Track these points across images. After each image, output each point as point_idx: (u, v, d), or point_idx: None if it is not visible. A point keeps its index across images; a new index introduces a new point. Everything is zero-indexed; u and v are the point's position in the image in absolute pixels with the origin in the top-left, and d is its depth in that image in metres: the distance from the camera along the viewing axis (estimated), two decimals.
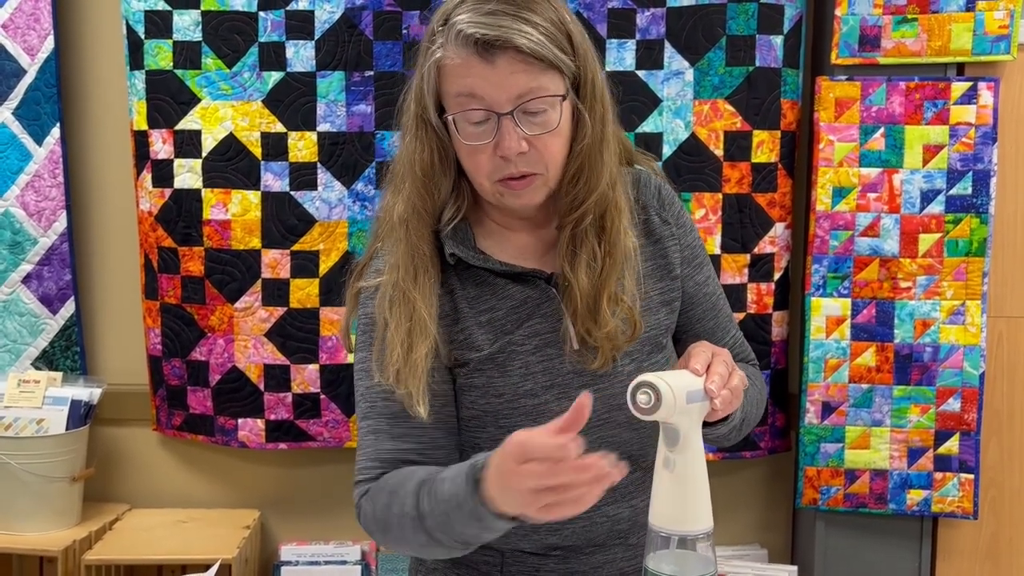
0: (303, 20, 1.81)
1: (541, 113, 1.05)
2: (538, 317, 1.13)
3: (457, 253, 1.12)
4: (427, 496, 1.00)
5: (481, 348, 1.12)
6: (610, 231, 1.12)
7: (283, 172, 1.84)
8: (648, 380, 0.91)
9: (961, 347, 1.76)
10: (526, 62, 1.03)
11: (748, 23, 1.77)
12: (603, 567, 1.18)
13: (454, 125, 1.07)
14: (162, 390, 1.94)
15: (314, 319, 1.86)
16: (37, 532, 1.80)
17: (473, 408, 1.13)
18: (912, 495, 1.79)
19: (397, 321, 1.09)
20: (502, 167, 1.06)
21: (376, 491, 1.10)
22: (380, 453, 1.12)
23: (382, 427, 1.12)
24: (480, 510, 0.94)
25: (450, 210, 1.13)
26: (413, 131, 1.12)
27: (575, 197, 1.10)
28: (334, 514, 2.01)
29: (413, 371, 1.07)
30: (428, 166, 1.11)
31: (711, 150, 1.80)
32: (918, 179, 1.74)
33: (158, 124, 1.84)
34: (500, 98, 1.03)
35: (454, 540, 1.00)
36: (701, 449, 0.93)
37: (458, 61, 1.04)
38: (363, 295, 1.17)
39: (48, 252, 1.93)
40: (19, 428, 1.82)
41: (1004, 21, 1.71)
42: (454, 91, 1.06)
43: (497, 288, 1.14)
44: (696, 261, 1.23)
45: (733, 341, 1.27)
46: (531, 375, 1.12)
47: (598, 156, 1.10)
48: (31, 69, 1.88)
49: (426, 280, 1.10)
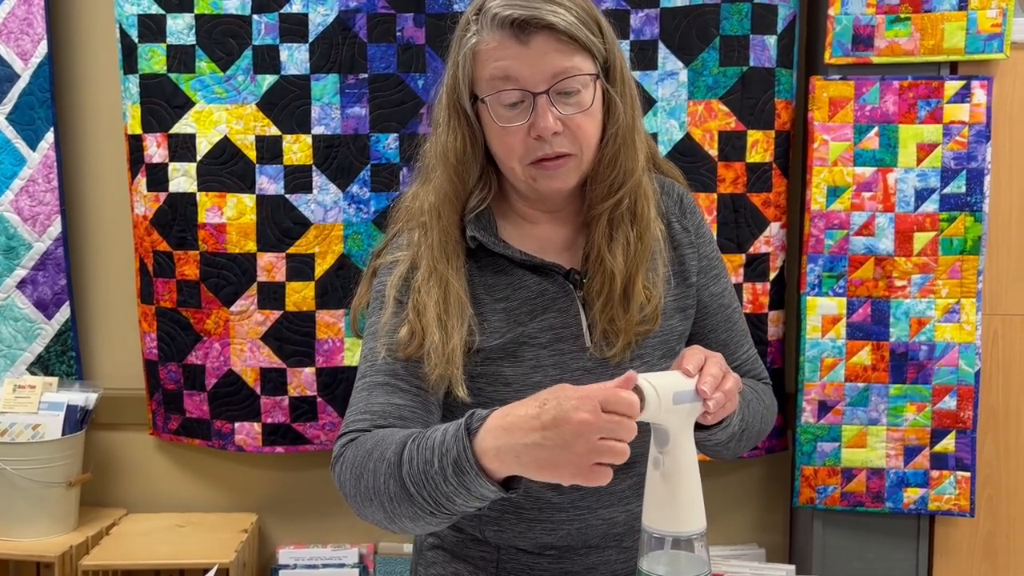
0: (297, 23, 1.81)
1: (575, 93, 1.07)
2: (554, 311, 1.14)
3: (478, 237, 1.13)
4: (414, 444, 0.97)
5: (495, 336, 1.12)
6: (641, 217, 1.14)
7: (278, 175, 1.84)
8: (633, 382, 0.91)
9: (956, 345, 1.76)
10: (560, 42, 1.05)
11: (742, 23, 1.77)
12: (597, 568, 1.18)
13: (488, 108, 1.08)
14: (158, 394, 1.94)
15: (310, 322, 1.86)
16: (34, 538, 1.79)
17: (480, 395, 1.12)
18: (909, 493, 1.79)
19: (436, 303, 1.09)
20: (536, 148, 1.08)
21: (363, 440, 1.05)
22: (371, 406, 1.09)
23: (378, 382, 1.11)
24: (465, 463, 0.91)
25: (476, 198, 1.15)
26: (445, 121, 1.13)
27: (612, 181, 1.12)
28: (332, 517, 2.01)
29: (450, 358, 1.07)
30: (460, 153, 1.12)
31: (706, 150, 1.80)
32: (912, 178, 1.75)
33: (152, 128, 1.84)
34: (535, 78, 1.05)
35: (425, 494, 0.94)
36: (692, 450, 0.93)
37: (493, 44, 1.06)
38: (381, 268, 1.18)
39: (43, 257, 1.93)
40: (15, 433, 1.82)
41: (997, 20, 1.71)
42: (488, 74, 1.07)
43: (515, 278, 1.15)
44: (713, 272, 1.24)
45: (747, 357, 1.28)
46: (541, 368, 1.12)
47: (631, 141, 1.13)
48: (24, 74, 1.88)
49: (459, 265, 1.12)
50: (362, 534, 1.99)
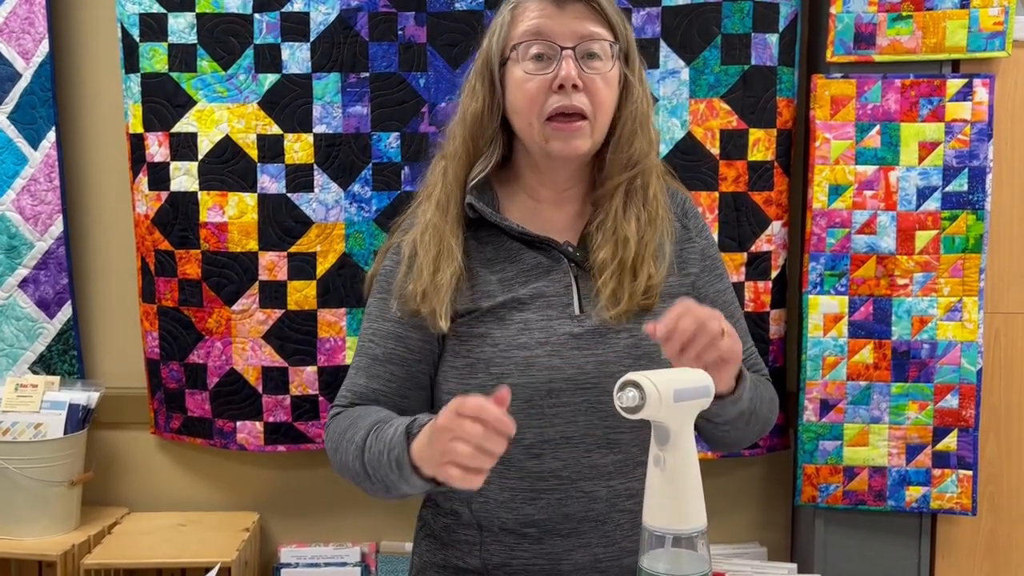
0: (298, 22, 1.81)
1: (597, 59, 1.18)
2: (546, 280, 1.22)
3: (476, 206, 1.22)
4: (374, 434, 1.14)
5: (487, 299, 1.22)
6: (653, 199, 1.24)
7: (279, 174, 1.84)
8: (633, 379, 0.91)
9: (958, 343, 1.76)
10: (592, 11, 1.19)
11: (743, 22, 1.77)
12: (577, 551, 1.21)
13: (516, 60, 1.19)
14: (160, 393, 1.94)
15: (312, 321, 1.86)
16: (36, 537, 1.80)
17: (469, 356, 1.21)
18: (911, 492, 1.79)
19: (426, 249, 1.21)
20: (555, 101, 1.17)
21: (344, 416, 1.23)
22: (355, 386, 1.26)
23: (362, 365, 1.26)
24: (403, 459, 1.07)
25: (480, 164, 1.24)
26: (470, 88, 1.25)
27: (629, 157, 1.22)
28: (333, 516, 2.01)
29: (437, 291, 1.19)
30: (477, 115, 1.23)
31: (707, 149, 1.80)
32: (914, 176, 1.74)
33: (154, 127, 1.84)
34: (564, 34, 1.17)
35: (379, 479, 1.13)
36: (693, 447, 0.93)
37: (531, 6, 1.20)
38: (389, 251, 1.29)
39: (45, 256, 1.93)
40: (17, 432, 1.82)
41: (999, 18, 1.71)
42: (522, 30, 1.20)
43: (511, 252, 1.24)
44: (716, 271, 1.32)
45: (748, 353, 1.32)
46: (528, 330, 1.19)
47: (647, 127, 1.24)
48: (26, 73, 1.88)
49: (456, 219, 1.23)
50: (364, 533, 1.99)
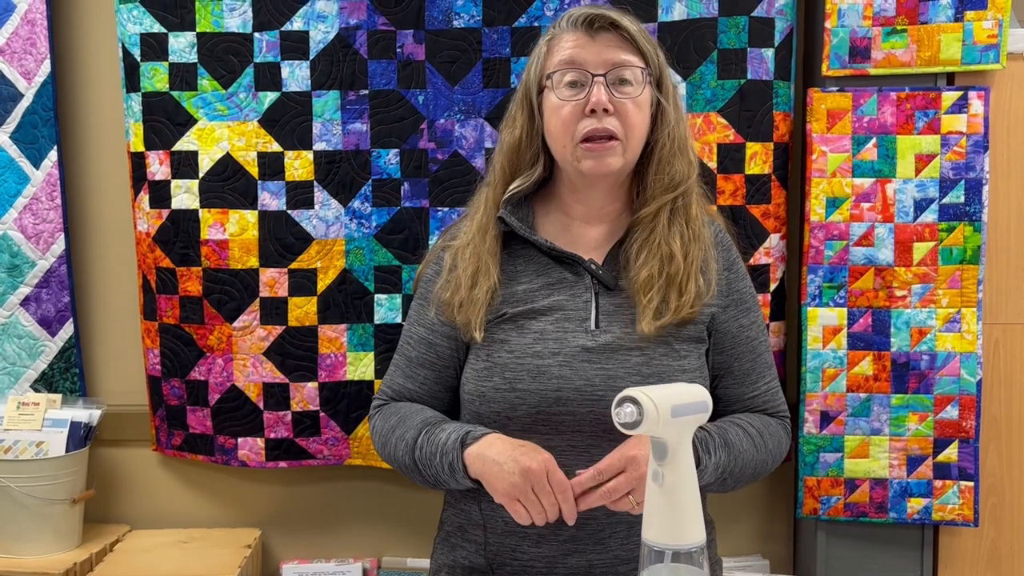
0: (298, 40, 1.82)
1: (628, 85, 1.25)
2: (567, 295, 1.28)
3: (507, 220, 1.30)
4: (425, 435, 1.27)
5: (511, 308, 1.29)
6: (695, 218, 1.31)
7: (280, 191, 1.85)
8: (631, 395, 0.92)
9: (958, 355, 1.76)
10: (623, 40, 1.26)
11: (739, 37, 1.79)
12: (572, 556, 1.25)
13: (551, 87, 1.26)
14: (161, 410, 1.95)
15: (312, 337, 1.87)
16: (38, 555, 1.80)
17: (488, 360, 1.29)
18: (912, 503, 1.79)
19: (465, 264, 1.31)
20: (587, 124, 1.23)
21: (389, 412, 1.37)
22: (393, 384, 1.40)
23: (401, 364, 1.40)
24: (456, 465, 1.22)
25: (521, 179, 1.31)
26: (512, 117, 1.34)
27: (672, 177, 1.29)
28: (335, 532, 2.01)
29: (473, 304, 1.29)
30: (518, 140, 1.31)
31: (705, 163, 1.81)
32: (911, 188, 1.75)
33: (155, 145, 1.85)
34: (596, 63, 1.24)
35: (429, 472, 1.27)
36: (691, 462, 0.94)
37: (567, 37, 1.28)
38: (435, 256, 1.40)
39: (46, 274, 1.94)
40: (19, 451, 1.82)
41: (993, 31, 1.72)
42: (557, 59, 1.27)
43: (540, 266, 1.31)
44: (744, 305, 1.36)
45: (767, 388, 1.38)
46: (543, 340, 1.26)
47: (685, 150, 1.31)
48: (28, 93, 1.90)
49: (494, 239, 1.31)
50: (366, 548, 1.99)
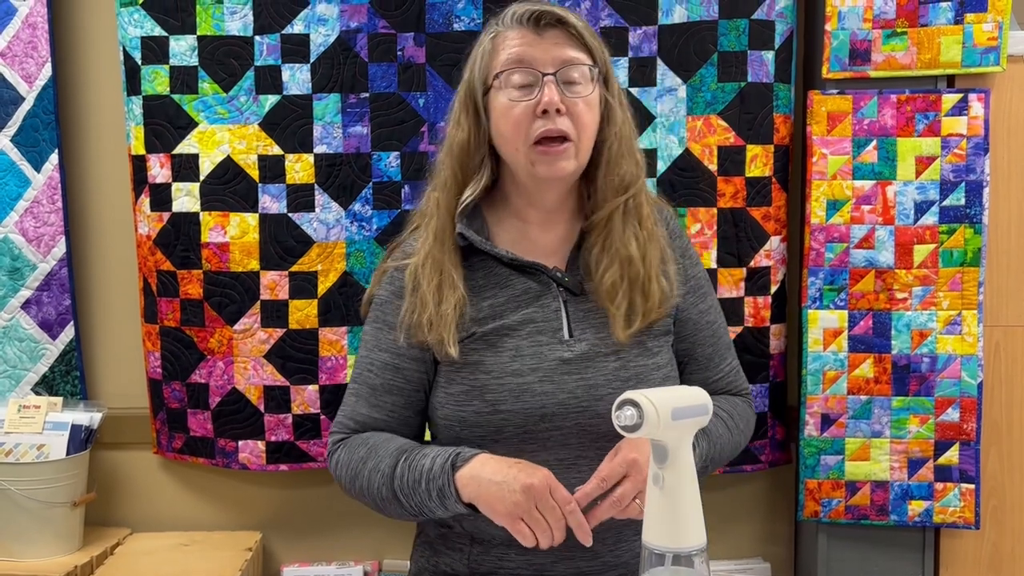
0: (298, 44, 1.82)
1: (577, 84, 1.21)
2: (535, 306, 1.24)
3: (464, 233, 1.25)
4: (405, 463, 1.19)
5: (478, 327, 1.24)
6: (647, 218, 1.27)
7: (280, 194, 1.85)
8: (631, 398, 0.92)
9: (958, 357, 1.76)
10: (570, 36, 1.22)
11: (739, 39, 1.79)
12: (561, 563, 1.24)
13: (500, 88, 1.21)
14: (162, 413, 1.95)
15: (313, 339, 1.87)
16: (38, 558, 1.80)
17: (464, 383, 1.24)
18: (913, 506, 1.79)
19: (428, 279, 1.25)
20: (540, 125, 1.19)
21: (355, 443, 1.27)
22: (356, 416, 1.30)
23: (363, 393, 1.30)
24: (447, 490, 1.14)
25: (470, 189, 1.26)
26: (455, 118, 1.28)
27: (622, 178, 1.25)
28: (336, 535, 2.01)
29: (443, 319, 1.23)
30: (464, 143, 1.25)
31: (705, 165, 1.81)
32: (911, 190, 1.75)
33: (156, 149, 1.85)
34: (545, 61, 1.20)
35: (412, 503, 1.18)
36: (691, 465, 0.94)
37: (512, 35, 1.23)
38: (387, 275, 1.32)
39: (47, 278, 1.94)
40: (19, 454, 1.82)
41: (993, 33, 1.72)
42: (503, 59, 1.22)
43: (501, 278, 1.26)
44: (700, 291, 1.35)
45: (729, 369, 1.38)
46: (519, 357, 1.22)
47: (632, 151, 1.26)
48: (29, 96, 1.90)
49: (453, 248, 1.26)
50: (367, 551, 1.99)
